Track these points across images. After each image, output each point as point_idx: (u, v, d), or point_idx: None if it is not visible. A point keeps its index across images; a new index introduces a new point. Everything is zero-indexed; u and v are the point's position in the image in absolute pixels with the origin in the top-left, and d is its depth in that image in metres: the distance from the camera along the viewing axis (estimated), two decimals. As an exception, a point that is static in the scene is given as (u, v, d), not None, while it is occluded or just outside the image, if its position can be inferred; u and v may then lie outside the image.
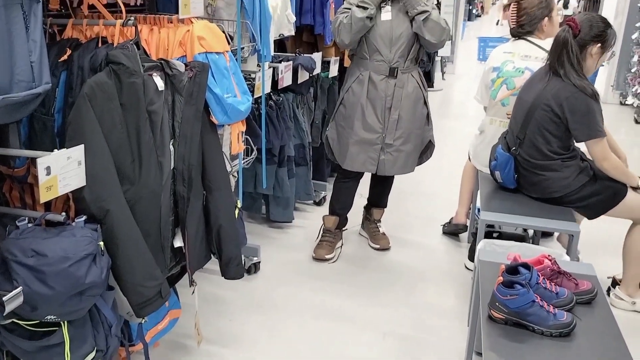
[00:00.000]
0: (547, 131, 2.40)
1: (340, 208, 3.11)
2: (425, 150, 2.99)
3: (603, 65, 2.51)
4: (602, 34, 2.37)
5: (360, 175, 3.03)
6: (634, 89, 6.44)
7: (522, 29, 2.79)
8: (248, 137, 2.71)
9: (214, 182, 2.02)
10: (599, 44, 2.37)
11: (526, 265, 1.63)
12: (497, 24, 19.95)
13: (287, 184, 3.24)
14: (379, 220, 3.27)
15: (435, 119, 3.04)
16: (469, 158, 3.17)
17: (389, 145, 2.81)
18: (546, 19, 2.74)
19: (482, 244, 2.25)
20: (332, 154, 2.97)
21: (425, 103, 2.88)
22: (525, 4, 2.76)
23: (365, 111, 2.79)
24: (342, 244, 3.17)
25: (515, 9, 2.79)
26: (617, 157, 2.45)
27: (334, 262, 3.02)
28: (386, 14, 2.73)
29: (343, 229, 3.20)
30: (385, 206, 3.27)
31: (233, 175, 2.77)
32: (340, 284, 2.81)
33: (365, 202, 3.30)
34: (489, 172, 2.85)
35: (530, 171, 2.50)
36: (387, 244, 3.18)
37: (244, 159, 2.71)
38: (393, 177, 3.17)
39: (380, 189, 3.21)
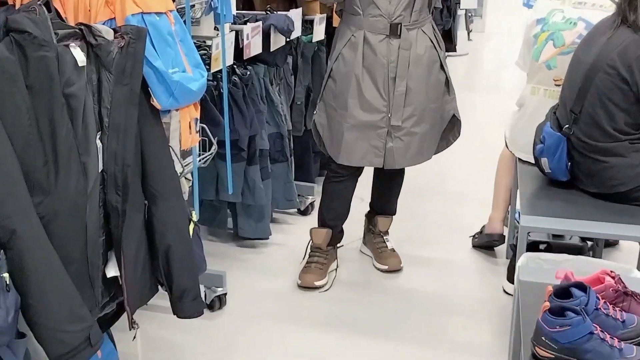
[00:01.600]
0: (611, 102, 2.43)
1: (332, 218, 3.11)
2: (450, 129, 3.02)
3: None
4: None
5: (358, 172, 3.04)
6: None
7: None
8: (204, 126, 2.72)
9: (158, 189, 2.03)
10: None
11: (581, 286, 1.65)
12: None
13: (261, 187, 3.25)
14: (386, 233, 3.24)
15: (459, 92, 3.06)
16: (506, 144, 3.20)
17: (397, 128, 2.81)
18: None
19: (524, 259, 2.26)
20: (324, 145, 2.98)
21: (442, 66, 2.90)
22: None
23: (362, 84, 2.77)
24: (337, 266, 3.19)
25: None
26: None
27: (327, 290, 3.04)
28: None
29: (338, 245, 3.22)
30: (394, 213, 3.26)
31: (186, 179, 2.78)
32: (335, 320, 2.82)
33: (367, 209, 3.32)
34: (530, 160, 2.87)
35: (587, 157, 2.52)
36: (398, 265, 3.17)
37: (200, 155, 2.72)
38: (403, 172, 3.17)
39: (387, 189, 3.20)
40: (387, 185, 3.19)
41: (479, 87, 6.52)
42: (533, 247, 2.79)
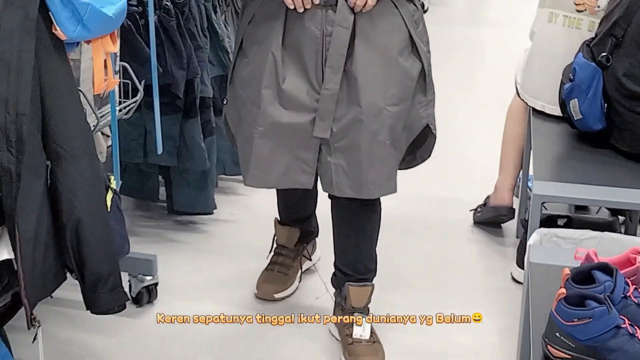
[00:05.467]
0: None
1: (295, 219, 2.97)
2: (418, 145, 2.59)
3: None
4: None
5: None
6: None
7: None
8: (126, 64, 2.70)
9: (64, 146, 2.03)
10: None
11: (607, 268, 1.66)
12: None
13: (202, 146, 3.25)
14: (364, 310, 2.68)
15: (458, 25, 3.06)
16: (517, 91, 3.21)
17: (337, 135, 2.41)
18: None
19: (537, 236, 2.29)
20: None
21: (417, 51, 2.45)
22: None
23: (281, 69, 2.38)
24: (313, 266, 3.09)
25: None
26: None
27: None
28: None
29: (310, 240, 3.08)
30: (374, 273, 2.73)
31: (103, 134, 2.76)
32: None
33: None
34: (547, 110, 2.93)
35: (623, 103, 2.57)
36: None
37: (120, 103, 2.69)
38: (374, 203, 2.65)
39: (353, 235, 2.70)
40: (353, 228, 2.69)
41: (482, 20, 6.53)
42: (550, 222, 2.82)
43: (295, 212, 2.96)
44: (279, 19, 2.36)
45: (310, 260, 3.09)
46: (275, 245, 3.01)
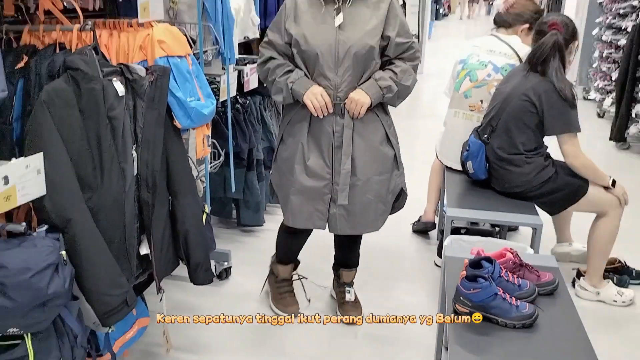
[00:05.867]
0: (521, 121, 2.47)
1: (291, 257, 2.61)
2: (396, 199, 2.41)
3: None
4: (575, 29, 2.52)
5: (310, 229, 2.44)
6: (595, 84, 6.62)
7: (505, 18, 2.88)
8: (214, 140, 2.71)
9: (179, 187, 2.02)
10: (576, 41, 2.52)
11: (489, 259, 1.67)
12: (460, 18, 20.92)
13: (257, 187, 3.23)
14: (350, 284, 2.60)
15: (404, 118, 3.04)
16: (436, 155, 3.22)
17: (338, 193, 2.24)
18: (527, 26, 2.83)
19: (449, 240, 2.29)
20: (279, 201, 2.42)
21: (390, 142, 2.28)
22: (525, 2, 2.87)
23: (307, 152, 2.21)
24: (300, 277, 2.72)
25: (515, 0, 2.88)
26: (588, 157, 2.51)
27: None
28: (338, 15, 2.11)
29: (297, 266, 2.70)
30: (357, 265, 2.62)
31: (200, 180, 2.77)
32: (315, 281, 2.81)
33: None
34: (454, 167, 2.91)
35: (496, 164, 2.56)
36: (357, 316, 2.51)
37: (211, 163, 2.71)
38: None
39: (345, 245, 2.57)
40: (346, 242, 2.54)
41: (419, 115, 6.54)
42: (456, 231, 2.81)
43: (296, 252, 2.59)
44: (306, 121, 2.20)
45: (305, 277, 2.71)
46: (276, 282, 2.61)
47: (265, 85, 2.34)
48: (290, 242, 2.53)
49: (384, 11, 2.16)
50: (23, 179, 1.48)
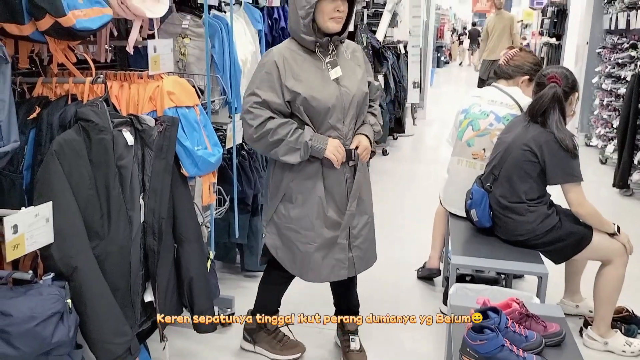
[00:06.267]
0: (523, 170, 2.48)
1: (276, 306, 2.53)
2: None
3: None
4: (575, 81, 2.55)
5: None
6: (597, 131, 6.68)
7: (505, 69, 2.93)
8: (220, 187, 2.73)
9: (184, 234, 2.03)
10: (576, 92, 2.54)
11: (495, 310, 1.66)
12: (459, 64, 21.41)
13: (261, 232, 3.23)
14: (354, 332, 2.51)
15: (407, 163, 3.05)
16: (440, 202, 3.23)
17: (355, 237, 2.25)
18: (527, 78, 2.88)
19: (454, 288, 2.27)
20: (281, 263, 2.31)
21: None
22: (524, 54, 2.94)
23: (325, 205, 2.18)
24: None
25: (515, 52, 2.95)
26: (592, 204, 2.51)
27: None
28: (335, 68, 2.12)
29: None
30: (357, 312, 2.55)
31: (206, 226, 2.77)
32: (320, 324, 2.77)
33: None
34: (458, 214, 2.90)
35: (499, 212, 2.56)
36: None
37: (216, 209, 2.72)
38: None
39: (343, 290, 2.50)
40: (343, 286, 2.47)
41: (422, 160, 6.58)
42: (461, 279, 2.78)
43: (272, 307, 2.50)
44: (319, 174, 2.16)
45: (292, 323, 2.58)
46: (273, 331, 2.54)
47: (256, 146, 2.17)
48: (281, 291, 2.49)
49: (361, 59, 2.26)
50: (32, 227, 1.50)
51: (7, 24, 1.56)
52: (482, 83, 7.84)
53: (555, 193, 2.59)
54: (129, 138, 1.77)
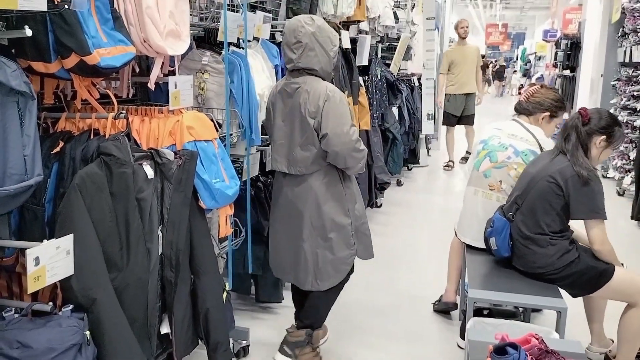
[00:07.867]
0: (547, 202, 2.46)
1: (322, 323, 2.72)
2: None
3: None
4: (608, 127, 2.49)
5: None
6: (614, 163, 6.62)
7: (525, 106, 2.94)
8: (237, 219, 2.74)
9: (201, 266, 2.04)
10: (604, 136, 2.49)
11: (514, 345, 1.63)
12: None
13: (276, 264, 3.22)
14: (290, 344, 2.63)
15: (421, 194, 3.04)
16: (455, 234, 3.21)
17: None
18: (548, 114, 2.89)
19: (472, 322, 2.24)
20: (360, 258, 2.59)
21: None
22: (545, 91, 2.95)
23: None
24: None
25: (535, 89, 2.97)
26: (611, 244, 2.48)
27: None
28: None
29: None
30: (309, 323, 2.65)
31: (222, 257, 2.78)
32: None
33: None
34: (472, 244, 2.88)
35: (520, 242, 2.54)
36: None
37: (232, 240, 2.72)
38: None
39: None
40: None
41: (436, 191, 6.57)
42: (478, 312, 2.74)
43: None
44: (344, 174, 2.55)
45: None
46: (314, 348, 2.68)
47: (360, 165, 2.49)
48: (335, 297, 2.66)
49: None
50: (53, 259, 1.51)
51: (35, 62, 1.61)
52: (455, 120, 7.43)
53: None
54: (149, 171, 1.80)
